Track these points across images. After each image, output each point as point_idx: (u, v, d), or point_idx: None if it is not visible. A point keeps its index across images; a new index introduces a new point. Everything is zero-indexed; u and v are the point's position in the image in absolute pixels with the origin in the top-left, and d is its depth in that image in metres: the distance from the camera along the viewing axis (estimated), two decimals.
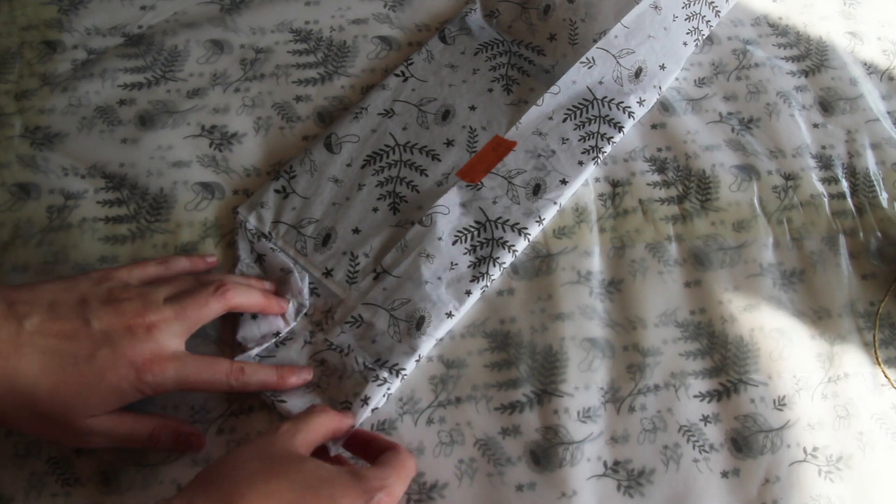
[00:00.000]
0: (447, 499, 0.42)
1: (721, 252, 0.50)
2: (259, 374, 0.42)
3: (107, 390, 0.37)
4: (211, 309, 0.41)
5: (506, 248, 0.48)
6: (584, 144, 0.52)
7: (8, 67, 0.55)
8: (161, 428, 0.40)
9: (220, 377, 0.40)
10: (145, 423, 0.40)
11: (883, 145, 0.54)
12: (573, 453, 0.43)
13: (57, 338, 0.36)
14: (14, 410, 0.36)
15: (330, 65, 0.56)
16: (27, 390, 0.35)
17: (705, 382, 0.45)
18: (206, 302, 0.40)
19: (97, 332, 0.37)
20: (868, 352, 0.47)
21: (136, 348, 0.37)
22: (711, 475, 0.43)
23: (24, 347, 0.35)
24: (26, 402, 0.35)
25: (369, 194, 0.50)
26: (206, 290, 0.41)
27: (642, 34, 0.55)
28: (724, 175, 0.52)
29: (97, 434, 0.38)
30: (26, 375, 0.35)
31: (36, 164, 0.51)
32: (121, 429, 0.39)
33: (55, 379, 0.35)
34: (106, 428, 0.38)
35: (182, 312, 0.39)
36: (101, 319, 0.37)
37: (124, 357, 0.37)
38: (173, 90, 0.54)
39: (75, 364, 0.36)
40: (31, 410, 0.36)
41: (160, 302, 0.39)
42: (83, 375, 0.36)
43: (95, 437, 0.38)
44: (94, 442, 0.38)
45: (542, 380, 0.45)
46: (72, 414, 0.36)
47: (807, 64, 0.58)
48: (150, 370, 0.37)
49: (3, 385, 0.35)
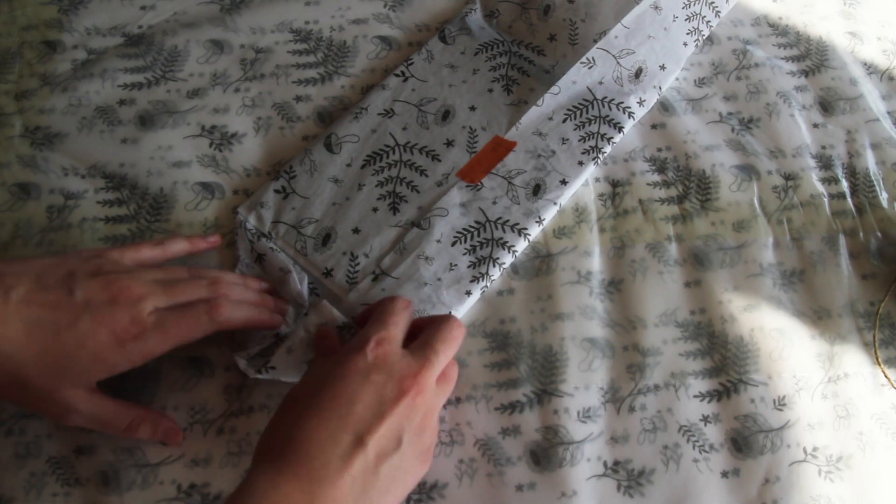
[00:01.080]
0: (447, 499, 0.42)
1: (721, 252, 0.50)
2: (240, 310, 0.41)
3: (88, 358, 0.37)
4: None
5: (505, 249, 0.48)
6: (584, 145, 0.52)
7: (8, 67, 0.55)
8: (140, 419, 0.41)
9: (201, 317, 0.39)
10: (126, 411, 0.40)
11: (883, 145, 0.54)
12: (573, 453, 0.43)
13: (41, 307, 0.36)
14: (7, 382, 0.36)
15: (330, 65, 0.56)
16: (11, 358, 0.36)
17: (705, 382, 0.45)
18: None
19: (80, 301, 0.37)
20: (868, 352, 0.47)
21: (116, 316, 0.37)
22: (711, 475, 0.43)
23: (10, 317, 0.36)
24: (10, 369, 0.36)
25: (369, 194, 0.50)
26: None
27: (642, 34, 0.55)
28: (724, 175, 0.52)
29: (77, 411, 0.38)
30: (11, 343, 0.36)
31: (36, 164, 0.51)
32: (101, 411, 0.39)
33: (38, 347, 0.36)
34: (87, 407, 0.38)
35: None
36: (86, 290, 0.37)
37: (104, 324, 0.37)
38: (173, 90, 0.54)
39: (57, 332, 0.36)
40: (14, 378, 0.36)
41: (149, 282, 0.39)
42: (64, 343, 0.36)
43: (75, 414, 0.38)
44: (74, 419, 0.38)
45: (542, 380, 0.45)
46: (54, 383, 0.37)
47: (807, 64, 0.58)
48: (133, 335, 0.37)
49: None
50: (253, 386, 0.44)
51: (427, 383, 0.38)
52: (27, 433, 0.43)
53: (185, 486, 0.42)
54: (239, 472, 0.42)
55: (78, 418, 0.39)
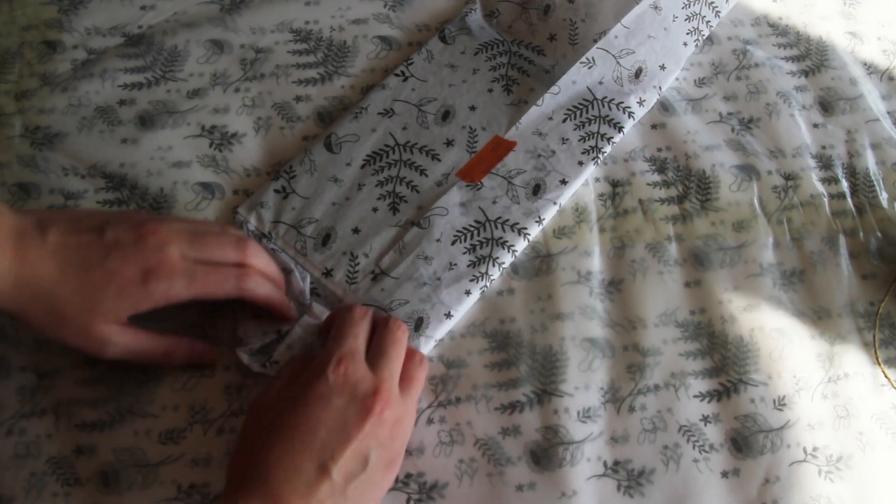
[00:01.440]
0: (447, 499, 0.42)
1: (721, 252, 0.50)
2: (265, 286, 0.42)
3: (115, 294, 0.38)
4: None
5: (505, 248, 0.48)
6: (584, 144, 0.52)
7: (8, 67, 0.55)
8: (175, 345, 0.42)
9: (230, 279, 0.41)
10: (160, 339, 0.42)
11: (883, 145, 0.54)
12: (573, 453, 0.43)
13: (74, 248, 0.38)
14: (40, 315, 0.38)
15: (330, 65, 0.56)
16: (47, 295, 0.38)
17: (705, 382, 0.45)
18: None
19: (110, 241, 0.39)
20: (868, 352, 0.47)
21: (145, 253, 0.39)
22: (711, 475, 0.43)
23: (45, 256, 0.38)
24: (47, 306, 0.38)
25: (369, 194, 0.50)
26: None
27: (642, 34, 0.55)
28: (724, 175, 0.52)
29: (113, 344, 0.40)
30: (47, 280, 0.38)
31: (36, 164, 0.51)
32: (135, 343, 0.40)
33: (70, 284, 0.38)
34: (121, 339, 0.40)
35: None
36: (115, 231, 0.39)
37: (132, 262, 0.38)
38: (173, 90, 0.54)
39: (87, 270, 0.38)
40: (53, 314, 0.38)
41: (178, 229, 0.40)
42: (94, 279, 0.38)
43: (112, 347, 0.40)
44: (112, 352, 0.40)
45: (542, 380, 0.45)
46: (86, 317, 0.38)
47: (807, 64, 0.58)
48: (158, 275, 0.39)
49: (27, 290, 0.37)
50: (253, 386, 0.44)
51: (391, 395, 0.38)
52: (27, 433, 0.43)
53: (185, 486, 0.42)
54: None
55: (115, 351, 0.40)
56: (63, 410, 0.43)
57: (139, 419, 0.43)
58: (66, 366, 0.44)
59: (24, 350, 0.45)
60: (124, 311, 0.39)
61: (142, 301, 0.39)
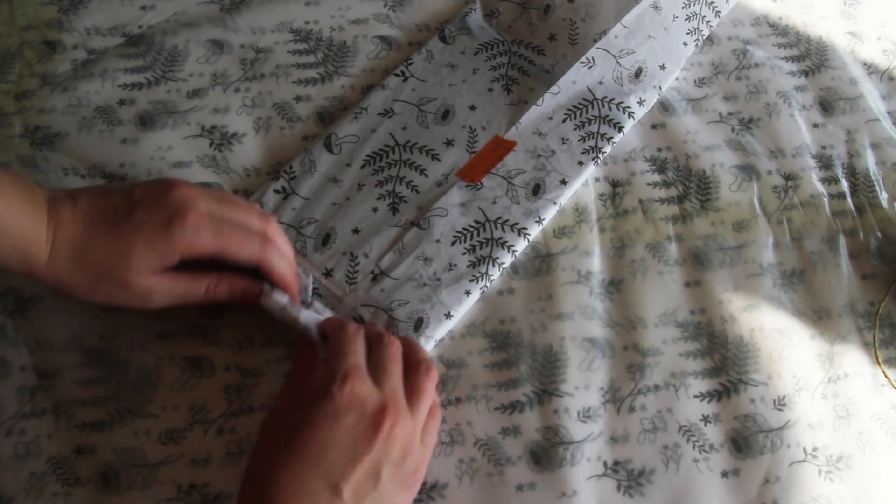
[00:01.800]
0: (447, 499, 0.42)
1: (721, 252, 0.50)
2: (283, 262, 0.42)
3: (144, 245, 0.39)
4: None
5: (505, 249, 0.48)
6: (584, 144, 0.52)
7: (8, 67, 0.55)
8: (216, 281, 0.42)
9: (255, 241, 0.41)
10: (201, 277, 0.42)
11: (883, 145, 0.54)
12: (573, 453, 0.43)
13: (103, 209, 0.40)
14: (80, 278, 0.39)
15: (330, 65, 0.56)
16: (81, 255, 0.39)
17: (705, 382, 0.45)
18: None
19: (137, 197, 0.40)
20: (868, 352, 0.47)
21: (170, 206, 0.39)
22: (711, 475, 0.43)
23: (77, 217, 0.39)
24: (83, 266, 0.39)
25: (369, 194, 0.50)
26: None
27: (642, 34, 0.55)
28: (724, 175, 0.52)
29: (156, 292, 0.40)
30: (79, 241, 0.39)
31: (36, 163, 0.51)
32: (177, 286, 0.41)
33: (100, 240, 0.39)
34: (163, 286, 0.40)
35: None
36: (143, 190, 0.40)
37: (158, 213, 0.39)
38: (173, 90, 0.54)
39: (116, 225, 0.39)
40: (89, 274, 0.39)
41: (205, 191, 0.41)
42: (122, 234, 0.39)
43: (156, 295, 0.40)
44: (158, 301, 0.41)
45: (542, 380, 0.45)
46: (121, 272, 0.39)
47: (807, 64, 0.58)
48: (184, 223, 0.39)
49: (63, 252, 0.39)
50: (253, 386, 0.44)
51: (399, 410, 0.37)
52: (27, 433, 0.43)
53: (185, 487, 0.42)
54: (239, 472, 0.42)
55: (160, 298, 0.41)
56: (63, 410, 0.43)
57: (139, 419, 0.43)
58: (66, 366, 0.44)
59: (24, 350, 0.45)
60: (155, 261, 0.39)
61: (168, 251, 0.39)
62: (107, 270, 0.39)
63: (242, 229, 0.41)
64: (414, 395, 0.39)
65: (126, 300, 0.41)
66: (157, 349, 0.45)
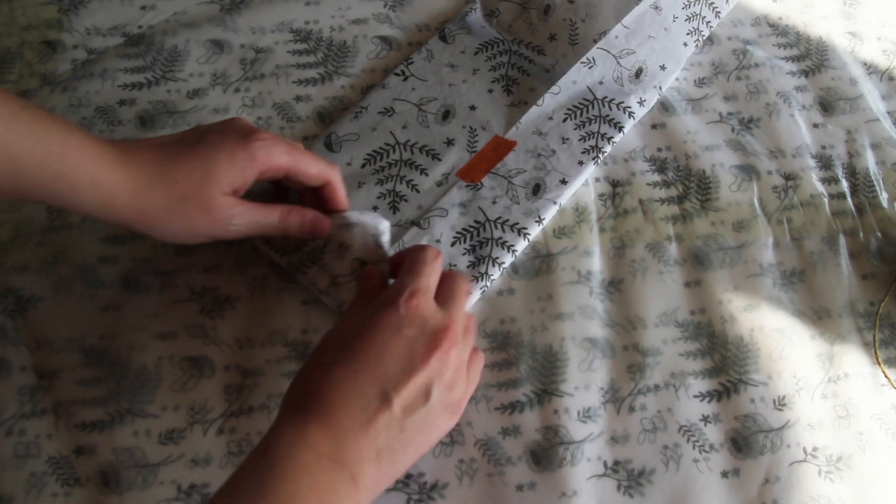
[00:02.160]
0: (447, 499, 0.42)
1: (721, 252, 0.50)
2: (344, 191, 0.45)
3: (226, 159, 0.39)
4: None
5: (505, 248, 0.48)
6: (585, 144, 0.52)
7: (8, 67, 0.55)
8: (287, 210, 0.43)
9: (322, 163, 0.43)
10: (274, 209, 0.42)
11: (883, 145, 0.54)
12: (573, 453, 0.43)
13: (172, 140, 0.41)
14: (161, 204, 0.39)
15: (330, 65, 0.56)
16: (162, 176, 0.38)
17: (705, 382, 0.45)
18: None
19: (203, 129, 0.41)
20: (868, 352, 0.47)
21: (240, 126, 0.41)
22: (711, 475, 0.43)
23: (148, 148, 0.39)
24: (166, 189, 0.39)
25: (369, 193, 0.50)
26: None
27: (642, 34, 0.55)
28: (724, 175, 0.52)
29: (237, 216, 0.41)
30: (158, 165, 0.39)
31: None
32: (255, 215, 0.41)
33: (181, 160, 0.39)
34: (242, 211, 0.41)
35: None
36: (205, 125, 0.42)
37: (231, 133, 0.40)
38: (173, 90, 0.54)
39: (194, 146, 0.40)
40: (171, 196, 0.39)
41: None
42: (201, 151, 0.40)
43: (236, 219, 0.41)
44: (236, 228, 0.41)
45: (543, 380, 0.45)
46: (207, 188, 0.39)
47: (807, 64, 0.58)
48: (260, 137, 0.40)
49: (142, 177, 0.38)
50: (253, 386, 0.44)
51: (458, 335, 0.38)
52: (27, 433, 0.43)
53: (185, 487, 0.42)
54: None
55: (239, 225, 0.41)
56: (63, 410, 0.43)
57: (139, 419, 0.43)
58: (66, 366, 0.44)
59: (24, 350, 0.45)
60: (236, 175, 0.40)
61: (249, 163, 0.40)
62: (191, 189, 0.39)
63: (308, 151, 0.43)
64: (466, 332, 0.40)
65: (208, 226, 0.40)
66: (157, 349, 0.45)
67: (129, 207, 0.38)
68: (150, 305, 0.46)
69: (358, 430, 0.34)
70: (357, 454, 0.34)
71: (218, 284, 0.47)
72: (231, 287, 0.47)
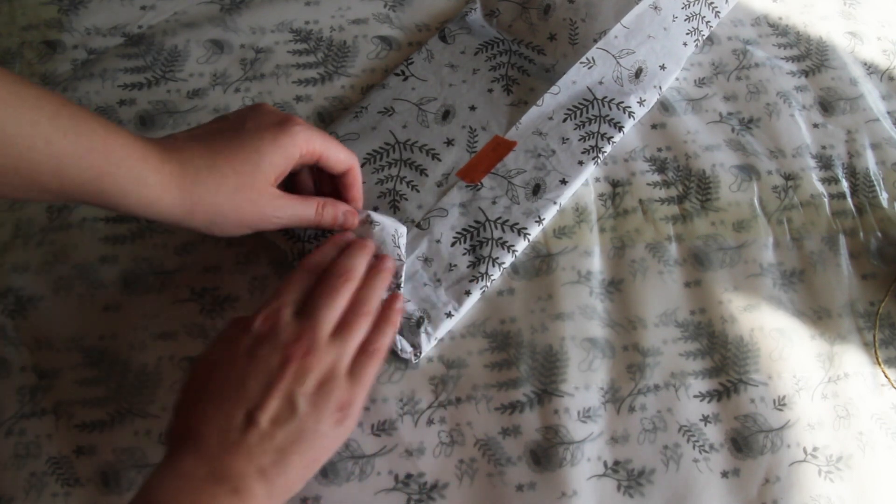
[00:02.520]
0: (447, 499, 0.42)
1: (721, 252, 0.50)
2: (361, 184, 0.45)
3: (270, 144, 0.39)
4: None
5: (505, 249, 0.48)
6: (585, 144, 0.52)
7: (8, 67, 0.55)
8: (322, 203, 0.43)
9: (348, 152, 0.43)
10: (310, 199, 0.43)
11: (883, 145, 0.54)
12: (573, 453, 0.43)
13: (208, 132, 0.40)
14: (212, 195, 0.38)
15: (330, 65, 0.56)
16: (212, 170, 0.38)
17: (705, 382, 0.45)
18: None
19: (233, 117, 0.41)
20: (868, 352, 0.47)
21: (273, 112, 0.41)
22: (711, 475, 0.43)
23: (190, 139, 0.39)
24: (217, 181, 0.38)
25: (369, 192, 0.50)
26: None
27: (642, 34, 0.55)
28: (724, 175, 0.52)
29: (280, 207, 0.41)
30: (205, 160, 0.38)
31: None
32: (295, 205, 0.42)
33: (228, 151, 0.39)
34: (284, 203, 0.41)
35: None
36: (234, 113, 0.42)
37: (268, 118, 0.41)
38: (173, 90, 0.54)
39: (237, 134, 0.40)
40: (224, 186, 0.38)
41: None
42: (245, 140, 0.39)
43: (280, 210, 0.41)
44: (278, 219, 0.41)
45: (543, 380, 0.45)
46: (256, 176, 0.39)
47: (807, 64, 0.58)
48: (297, 121, 0.41)
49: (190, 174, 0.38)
50: None
51: (315, 343, 0.37)
52: (27, 433, 0.43)
53: None
54: None
55: (282, 216, 0.41)
56: (63, 410, 0.43)
57: (139, 419, 0.43)
58: (66, 366, 0.44)
59: (24, 350, 0.45)
60: (279, 160, 0.40)
61: (291, 146, 0.40)
62: (240, 182, 0.39)
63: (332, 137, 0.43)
64: (342, 328, 0.39)
65: (256, 219, 0.40)
66: (157, 349, 0.45)
67: (179, 204, 0.38)
68: (150, 305, 0.46)
69: (231, 450, 0.35)
70: (236, 471, 0.34)
71: (218, 284, 0.47)
72: (231, 287, 0.47)
